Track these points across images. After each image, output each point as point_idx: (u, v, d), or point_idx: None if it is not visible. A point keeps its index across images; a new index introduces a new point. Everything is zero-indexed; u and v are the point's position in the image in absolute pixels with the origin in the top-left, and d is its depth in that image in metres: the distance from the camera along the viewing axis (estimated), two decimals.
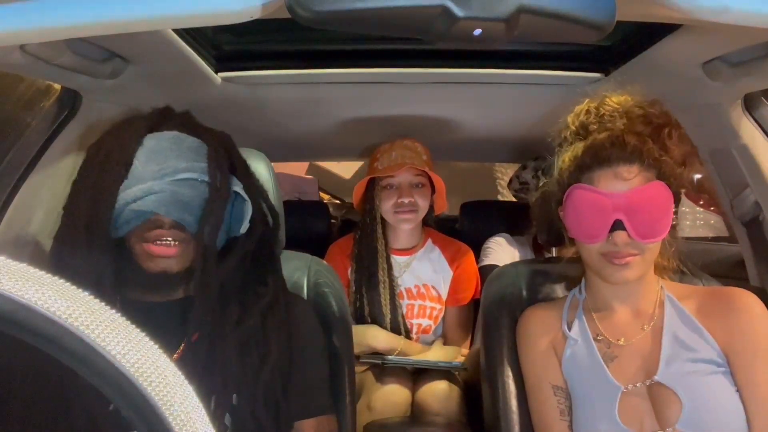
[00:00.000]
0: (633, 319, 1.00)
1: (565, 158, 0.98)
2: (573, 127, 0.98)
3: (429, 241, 1.77)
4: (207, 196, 0.85)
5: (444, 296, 1.73)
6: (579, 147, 0.95)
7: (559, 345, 1.04)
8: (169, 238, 0.84)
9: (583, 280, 1.08)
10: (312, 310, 1.06)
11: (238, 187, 0.91)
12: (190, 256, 0.87)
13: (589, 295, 1.06)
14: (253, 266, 0.95)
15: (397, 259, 1.72)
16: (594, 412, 0.95)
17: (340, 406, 1.08)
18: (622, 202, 0.89)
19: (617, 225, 0.89)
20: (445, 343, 1.72)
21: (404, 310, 1.67)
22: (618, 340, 0.98)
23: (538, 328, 1.06)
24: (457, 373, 1.67)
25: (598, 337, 1.00)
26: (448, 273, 1.74)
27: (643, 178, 0.90)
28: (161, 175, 0.83)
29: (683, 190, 0.96)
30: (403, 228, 1.68)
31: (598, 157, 0.91)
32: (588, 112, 0.97)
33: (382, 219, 1.69)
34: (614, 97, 0.96)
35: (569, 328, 1.03)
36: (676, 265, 1.02)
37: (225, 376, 0.84)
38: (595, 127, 0.94)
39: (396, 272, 1.69)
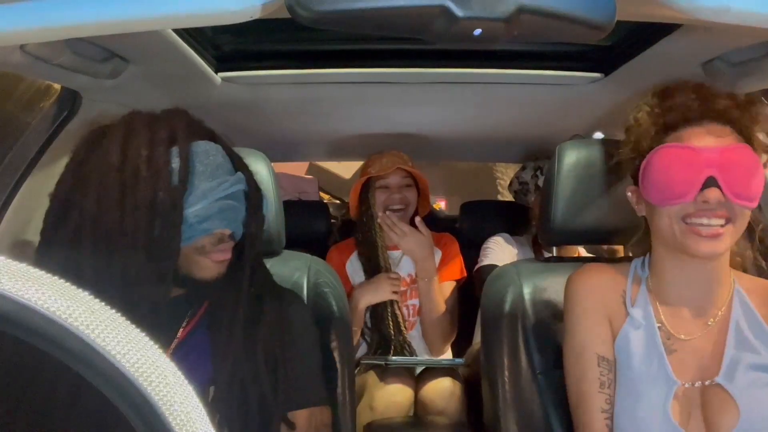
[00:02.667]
0: (699, 312, 0.91)
1: (641, 120, 0.90)
2: (649, 97, 0.91)
3: None
4: (247, 203, 0.91)
5: None
6: (659, 107, 0.88)
7: (616, 318, 0.95)
8: (227, 247, 0.90)
9: (646, 258, 0.98)
10: (306, 305, 1.08)
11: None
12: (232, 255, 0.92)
13: (653, 275, 0.95)
14: None
15: (391, 254, 1.83)
16: (643, 401, 0.88)
17: (339, 406, 1.08)
18: (715, 158, 0.81)
19: (710, 182, 0.81)
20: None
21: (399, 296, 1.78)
22: (680, 333, 0.91)
23: (597, 294, 0.97)
24: (458, 370, 1.68)
25: (660, 326, 0.92)
26: (437, 253, 1.85)
27: (735, 139, 0.83)
28: (220, 191, 0.86)
29: None
30: None
31: (687, 114, 0.85)
32: (666, 86, 0.91)
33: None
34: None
35: (633, 306, 0.95)
36: (753, 258, 0.93)
37: (233, 345, 0.87)
38: (677, 92, 0.88)
39: (391, 265, 1.81)
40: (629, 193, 0.97)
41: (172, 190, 0.81)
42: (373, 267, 1.77)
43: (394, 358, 1.63)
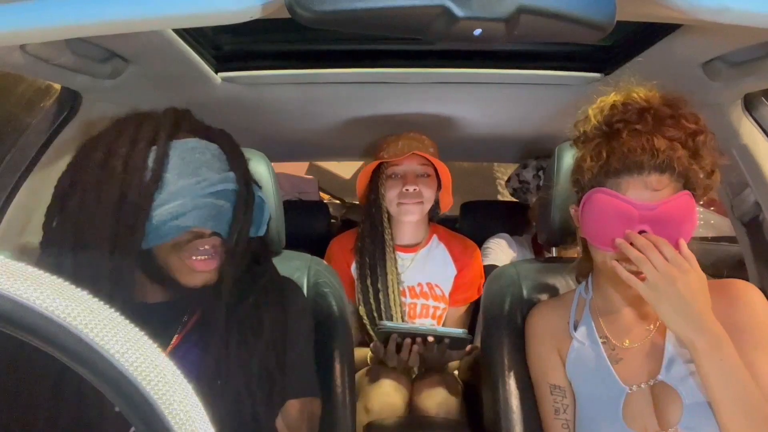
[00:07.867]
0: (639, 321, 0.98)
1: (585, 156, 0.92)
2: (595, 121, 0.92)
3: (434, 237, 1.72)
4: (236, 203, 0.87)
5: (447, 296, 1.68)
6: (603, 146, 0.90)
7: (563, 345, 1.03)
8: (207, 247, 0.86)
9: (589, 279, 1.06)
10: (303, 295, 1.07)
11: (260, 192, 0.93)
12: (221, 262, 0.88)
13: (596, 295, 1.03)
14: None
15: (400, 256, 1.65)
16: (598, 412, 0.95)
17: (339, 406, 1.08)
18: (649, 214, 0.85)
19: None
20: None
21: (406, 309, 1.61)
22: (623, 342, 0.97)
23: (546, 328, 1.05)
24: (456, 373, 1.66)
25: (604, 340, 0.99)
26: (452, 271, 1.68)
27: (672, 189, 0.87)
28: (200, 189, 0.83)
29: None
30: (408, 220, 1.62)
31: (628, 163, 0.86)
32: (614, 107, 0.91)
33: (388, 213, 1.63)
34: (640, 91, 0.91)
35: (575, 329, 1.02)
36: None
37: (226, 356, 0.85)
38: (620, 125, 0.89)
39: (399, 269, 1.63)
40: (572, 211, 1.00)
41: (143, 188, 0.80)
42: (377, 269, 1.58)
43: (386, 322, 1.44)
